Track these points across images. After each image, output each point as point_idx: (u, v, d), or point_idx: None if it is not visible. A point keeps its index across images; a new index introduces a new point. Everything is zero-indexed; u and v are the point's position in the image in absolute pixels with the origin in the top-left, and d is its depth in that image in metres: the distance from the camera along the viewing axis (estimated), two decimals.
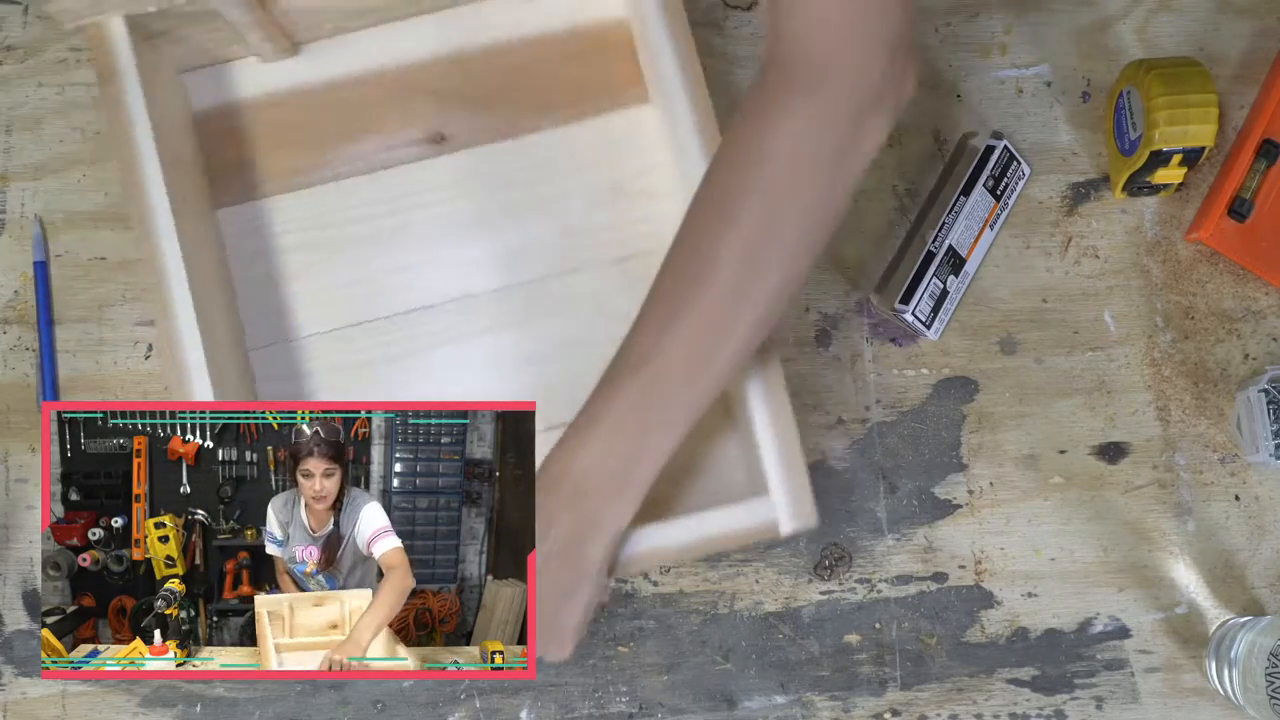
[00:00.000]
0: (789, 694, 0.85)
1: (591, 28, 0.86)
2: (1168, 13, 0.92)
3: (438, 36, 0.86)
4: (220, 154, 0.85)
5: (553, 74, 0.86)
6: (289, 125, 0.85)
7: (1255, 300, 0.89)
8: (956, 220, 0.86)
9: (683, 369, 0.66)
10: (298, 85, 0.86)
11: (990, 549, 0.86)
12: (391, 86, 0.86)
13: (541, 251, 0.85)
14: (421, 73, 0.86)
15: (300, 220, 0.85)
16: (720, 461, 0.83)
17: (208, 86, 0.85)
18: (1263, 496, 0.87)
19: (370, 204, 0.85)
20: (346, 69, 0.86)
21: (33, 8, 0.89)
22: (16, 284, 0.87)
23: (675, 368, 0.66)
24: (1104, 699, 0.85)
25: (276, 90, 0.85)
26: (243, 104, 0.85)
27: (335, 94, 0.86)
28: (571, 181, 0.85)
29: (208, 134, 0.85)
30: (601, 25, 0.86)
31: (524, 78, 0.86)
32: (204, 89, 0.85)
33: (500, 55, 0.86)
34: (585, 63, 0.86)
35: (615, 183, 0.85)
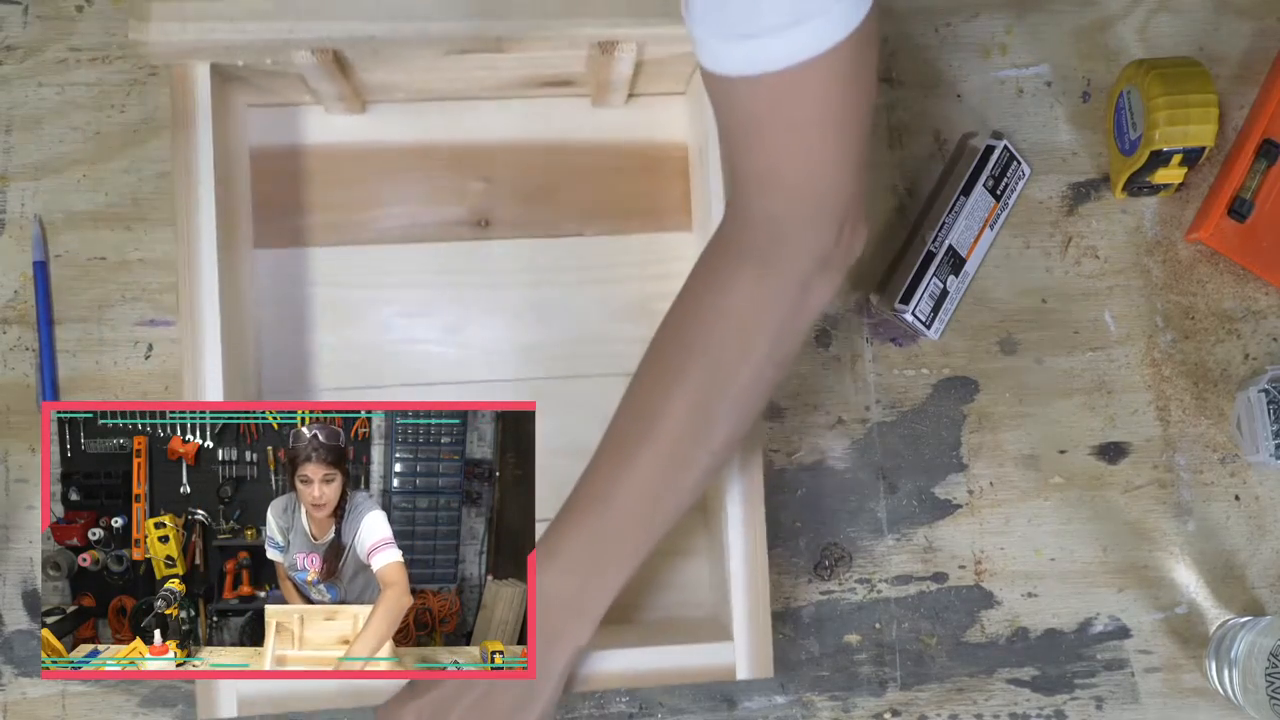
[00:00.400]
0: (789, 694, 0.85)
1: (651, 146, 0.87)
2: (1168, 13, 0.92)
3: (502, 123, 0.86)
4: (270, 193, 0.85)
5: (605, 183, 0.87)
6: (341, 178, 0.86)
7: (1255, 300, 0.89)
8: (956, 220, 0.86)
9: (634, 511, 0.70)
10: (358, 141, 0.86)
11: (990, 549, 0.86)
12: (447, 162, 0.86)
13: (556, 351, 0.86)
14: (479, 155, 0.86)
15: (332, 275, 0.86)
16: (692, 577, 0.84)
17: (271, 124, 0.85)
18: (1263, 496, 0.87)
19: (403, 273, 0.86)
20: (407, 135, 0.86)
21: (33, 8, 0.89)
22: (16, 284, 0.87)
23: (627, 509, 0.70)
24: (1104, 699, 0.85)
25: (337, 141, 0.86)
26: (302, 149, 0.86)
27: (392, 157, 0.86)
28: (600, 290, 0.86)
29: (262, 171, 0.85)
30: (661, 146, 0.87)
31: (576, 181, 0.87)
32: (267, 126, 0.85)
33: (558, 154, 0.87)
34: (638, 178, 0.87)
35: (641, 300, 0.86)
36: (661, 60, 0.79)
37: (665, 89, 0.86)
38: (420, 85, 0.83)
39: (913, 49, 0.91)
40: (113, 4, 0.90)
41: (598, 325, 0.86)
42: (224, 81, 0.79)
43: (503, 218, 0.86)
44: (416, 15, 0.73)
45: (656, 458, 0.69)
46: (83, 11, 0.90)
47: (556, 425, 0.84)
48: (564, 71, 0.81)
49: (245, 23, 0.72)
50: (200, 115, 0.75)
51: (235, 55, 0.75)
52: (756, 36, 0.55)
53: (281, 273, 0.85)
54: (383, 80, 0.81)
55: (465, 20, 0.74)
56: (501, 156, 0.86)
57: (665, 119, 0.87)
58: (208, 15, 0.73)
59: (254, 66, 0.76)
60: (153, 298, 0.87)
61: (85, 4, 0.90)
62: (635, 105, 0.87)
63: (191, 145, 0.75)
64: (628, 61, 0.77)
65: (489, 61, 0.78)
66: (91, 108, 0.89)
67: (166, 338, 0.86)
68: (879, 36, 0.59)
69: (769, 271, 0.65)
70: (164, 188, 0.88)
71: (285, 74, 0.78)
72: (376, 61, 0.77)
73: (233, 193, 0.80)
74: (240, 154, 0.84)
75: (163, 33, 0.73)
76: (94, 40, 0.89)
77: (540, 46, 0.76)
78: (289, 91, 0.82)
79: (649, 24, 0.74)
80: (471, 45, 0.75)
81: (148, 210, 0.88)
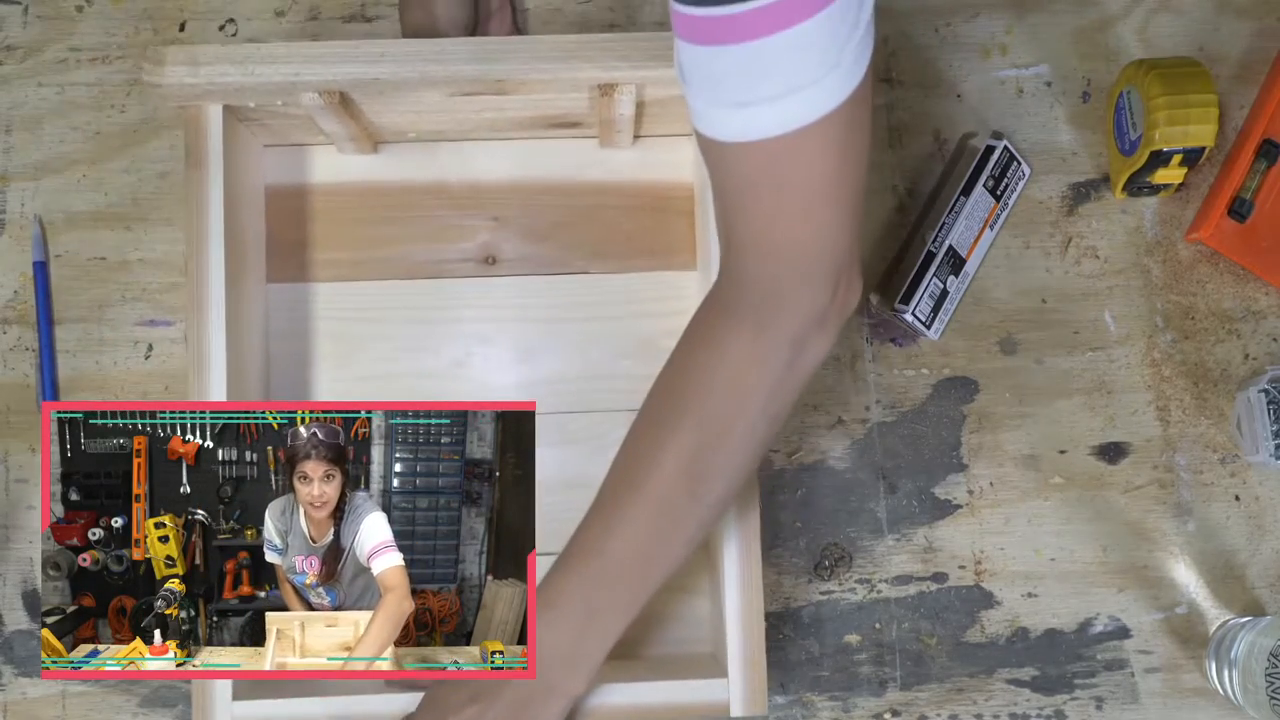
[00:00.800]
0: (789, 694, 0.85)
1: (657, 186, 0.88)
2: (1168, 13, 0.92)
3: (511, 162, 0.88)
4: (282, 231, 0.87)
5: (611, 222, 0.88)
6: (353, 216, 0.87)
7: (1255, 300, 0.89)
8: (957, 220, 0.86)
9: (628, 564, 0.70)
10: (368, 180, 0.88)
11: (990, 549, 0.86)
12: (456, 200, 0.88)
13: (561, 386, 0.86)
14: (487, 193, 0.88)
15: (340, 309, 0.87)
16: (692, 611, 0.84)
17: (286, 163, 0.87)
18: (1263, 497, 0.87)
19: (410, 308, 0.87)
20: (417, 174, 0.88)
21: (33, 8, 0.89)
22: (16, 284, 0.87)
23: (621, 562, 0.70)
24: (1104, 699, 0.85)
25: (348, 180, 0.88)
26: (315, 187, 0.87)
27: (402, 196, 0.88)
28: (605, 327, 0.87)
29: (276, 210, 0.87)
30: (667, 186, 0.88)
31: (583, 220, 0.88)
32: (282, 165, 0.87)
33: (565, 193, 0.88)
34: (644, 217, 0.88)
35: (646, 337, 0.87)
36: (664, 101, 0.80)
37: (671, 130, 0.87)
38: (430, 127, 0.84)
39: (913, 49, 0.91)
40: (113, 4, 0.90)
41: (603, 361, 0.87)
42: (239, 123, 0.81)
43: (510, 255, 0.87)
44: (420, 58, 0.75)
45: (649, 512, 0.69)
46: (83, 11, 0.90)
47: (560, 459, 0.85)
48: (570, 112, 0.82)
49: (254, 66, 0.75)
50: (212, 156, 0.77)
51: (246, 97, 0.77)
52: (751, 105, 0.55)
53: (292, 307, 0.86)
54: (393, 122, 0.83)
55: (467, 63, 0.75)
56: (510, 196, 0.88)
57: (672, 159, 0.88)
58: (219, 59, 0.75)
59: (267, 108, 0.78)
60: (153, 298, 0.87)
61: (85, 4, 0.90)
62: (642, 145, 0.88)
63: (203, 185, 0.77)
64: (628, 103, 0.78)
65: (497, 103, 0.79)
66: (91, 108, 0.89)
67: (166, 338, 0.87)
68: (871, 100, 0.59)
69: (763, 331, 0.65)
70: (164, 188, 0.88)
71: (298, 116, 0.80)
72: (383, 103, 0.79)
73: (245, 230, 0.82)
74: (255, 192, 0.85)
75: (176, 76, 0.75)
76: (94, 40, 0.89)
77: (542, 89, 0.77)
78: (303, 133, 0.84)
79: (647, 66, 0.75)
80: (474, 88, 0.77)
81: (148, 210, 0.88)
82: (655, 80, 0.76)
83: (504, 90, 0.77)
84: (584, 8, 0.91)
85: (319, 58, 0.75)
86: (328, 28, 0.90)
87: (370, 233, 0.87)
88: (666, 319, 0.86)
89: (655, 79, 0.76)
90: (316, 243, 0.87)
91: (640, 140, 0.88)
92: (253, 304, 0.83)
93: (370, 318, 0.86)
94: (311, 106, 0.77)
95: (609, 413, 0.86)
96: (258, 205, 0.86)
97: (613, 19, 0.91)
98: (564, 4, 0.91)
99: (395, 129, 0.84)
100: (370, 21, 0.90)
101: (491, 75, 0.75)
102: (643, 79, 0.76)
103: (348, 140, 0.84)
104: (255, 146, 0.85)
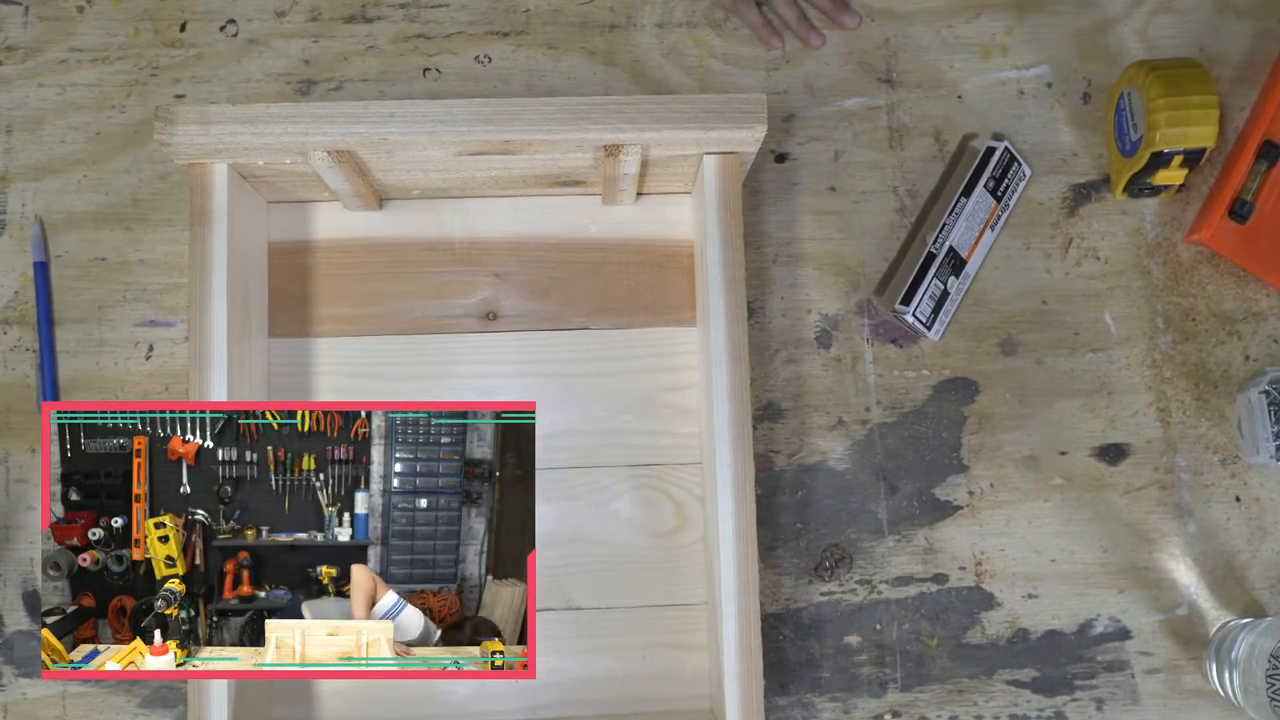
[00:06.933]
0: (789, 695, 0.85)
1: (658, 243, 0.89)
2: (1168, 14, 0.92)
3: (512, 219, 0.88)
4: (285, 286, 0.87)
5: (612, 278, 0.88)
6: (356, 271, 0.88)
7: (1256, 302, 0.89)
8: (957, 221, 0.86)
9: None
10: (371, 236, 0.88)
11: (991, 550, 0.86)
12: (458, 256, 0.88)
13: (561, 441, 0.86)
14: (489, 250, 0.88)
15: (342, 363, 0.87)
16: (700, 671, 0.84)
17: (291, 219, 0.88)
18: (1263, 498, 0.87)
19: (409, 363, 0.87)
20: (420, 231, 0.88)
21: (33, 8, 0.90)
22: (16, 284, 0.87)
23: None
24: (1104, 700, 0.85)
25: (351, 236, 0.88)
26: (316, 243, 0.88)
27: (404, 252, 0.88)
28: (607, 382, 0.87)
29: (279, 265, 0.88)
30: (668, 243, 0.89)
31: (585, 276, 0.88)
32: (287, 221, 0.88)
33: (567, 250, 0.88)
34: (644, 274, 0.88)
35: (647, 393, 0.87)
36: (667, 160, 0.81)
37: (672, 188, 0.88)
38: (435, 185, 0.85)
39: (913, 50, 0.91)
40: (113, 4, 0.90)
41: (603, 417, 0.87)
42: (245, 180, 0.81)
43: (510, 311, 0.88)
44: (428, 118, 0.76)
45: None
46: (83, 12, 0.90)
47: (561, 515, 0.85)
48: (573, 170, 0.83)
49: (264, 125, 0.75)
50: (216, 213, 0.78)
51: (255, 156, 0.77)
52: None
53: (294, 362, 0.87)
54: (399, 180, 0.83)
55: (475, 124, 0.76)
56: (511, 252, 0.88)
57: (673, 217, 0.89)
58: (229, 118, 0.75)
59: (275, 166, 0.79)
60: (153, 298, 0.87)
61: (86, 4, 0.90)
62: (644, 203, 0.89)
63: (207, 241, 0.78)
64: (633, 163, 0.79)
65: (502, 162, 0.80)
66: (92, 108, 0.89)
67: (166, 338, 0.87)
68: None
69: None
70: (165, 188, 0.88)
71: (303, 173, 0.80)
72: (390, 162, 0.79)
73: (248, 284, 0.82)
74: (259, 248, 0.86)
75: (187, 135, 0.75)
76: (94, 41, 0.89)
77: (548, 149, 0.78)
78: (309, 190, 0.85)
79: (653, 128, 0.76)
80: (482, 148, 0.77)
81: (148, 211, 0.88)
82: (660, 141, 0.77)
83: (511, 150, 0.78)
84: (584, 8, 0.91)
85: (328, 118, 0.76)
86: (328, 28, 0.90)
87: (372, 288, 0.87)
88: (667, 374, 0.87)
89: (660, 140, 0.77)
90: (319, 298, 0.87)
91: (643, 197, 0.89)
92: (255, 359, 0.83)
93: (371, 373, 0.87)
94: (320, 165, 0.78)
95: (610, 468, 0.86)
96: (261, 261, 0.86)
97: (613, 19, 0.91)
98: (564, 4, 0.91)
99: (400, 186, 0.85)
100: (370, 22, 0.90)
101: (499, 136, 0.76)
102: (649, 140, 0.77)
103: (353, 197, 0.84)
104: (259, 203, 0.86)
